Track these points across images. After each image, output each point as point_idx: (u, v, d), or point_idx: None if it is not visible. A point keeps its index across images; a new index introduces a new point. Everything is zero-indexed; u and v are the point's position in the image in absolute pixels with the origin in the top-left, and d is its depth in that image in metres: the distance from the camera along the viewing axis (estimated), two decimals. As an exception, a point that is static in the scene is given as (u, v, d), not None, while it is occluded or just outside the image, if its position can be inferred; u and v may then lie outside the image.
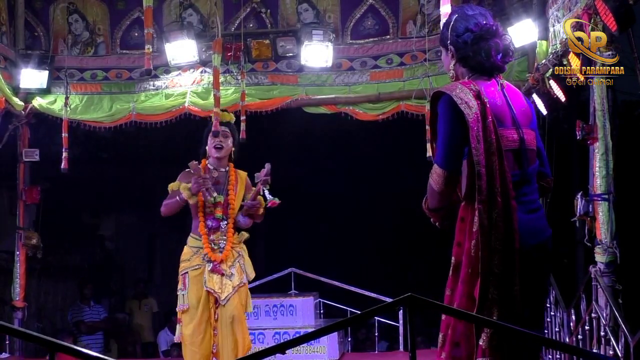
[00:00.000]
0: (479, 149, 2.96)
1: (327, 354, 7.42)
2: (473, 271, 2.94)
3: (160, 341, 10.31)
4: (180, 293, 5.31)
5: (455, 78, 3.22)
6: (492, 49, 3.12)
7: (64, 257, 11.72)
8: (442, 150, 3.05)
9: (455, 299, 2.98)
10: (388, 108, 8.04)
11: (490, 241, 2.93)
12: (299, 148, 11.78)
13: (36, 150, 8.32)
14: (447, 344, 2.97)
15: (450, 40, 3.19)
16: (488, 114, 3.00)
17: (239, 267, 5.32)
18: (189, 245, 5.37)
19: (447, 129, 3.05)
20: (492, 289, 2.91)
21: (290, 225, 12.43)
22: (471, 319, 2.89)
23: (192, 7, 8.24)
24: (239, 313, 5.21)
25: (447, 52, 3.24)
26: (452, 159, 3.03)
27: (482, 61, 3.14)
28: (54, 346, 2.54)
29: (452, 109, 3.03)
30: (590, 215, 5.56)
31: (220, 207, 5.36)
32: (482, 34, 3.13)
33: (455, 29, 3.17)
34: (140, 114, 8.21)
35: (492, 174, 2.96)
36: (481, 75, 3.16)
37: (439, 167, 3.04)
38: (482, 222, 2.93)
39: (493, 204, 2.94)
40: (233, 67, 8.07)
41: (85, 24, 8.40)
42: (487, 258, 2.92)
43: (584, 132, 5.54)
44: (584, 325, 5.55)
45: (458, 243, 3.02)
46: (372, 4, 8.13)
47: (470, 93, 3.03)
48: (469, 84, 3.09)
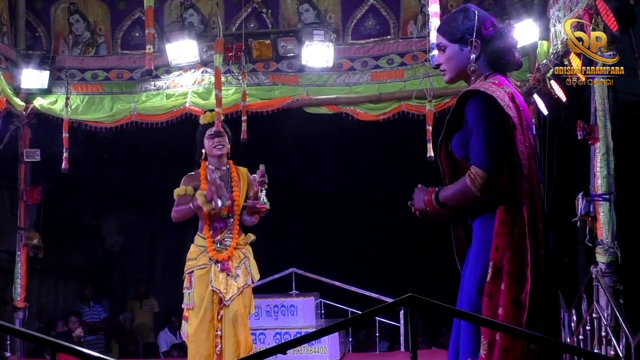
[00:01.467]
0: (523, 152, 2.91)
1: (328, 354, 7.42)
2: (517, 277, 2.86)
3: (160, 341, 10.32)
4: (186, 292, 5.32)
5: (475, 73, 3.11)
6: (514, 45, 3.11)
7: (65, 258, 11.72)
8: (487, 152, 2.90)
9: (500, 304, 2.87)
10: (389, 108, 8.04)
11: (536, 246, 2.89)
12: (299, 148, 11.78)
13: (37, 151, 8.32)
14: (497, 349, 2.85)
15: (475, 33, 3.07)
16: (523, 118, 2.97)
17: (245, 268, 5.36)
18: (196, 244, 5.39)
19: (492, 130, 2.92)
20: (542, 294, 2.88)
21: (291, 225, 12.44)
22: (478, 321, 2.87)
23: (193, 7, 8.24)
24: (242, 314, 5.24)
25: (461, 47, 3.12)
26: (497, 161, 2.90)
27: (507, 58, 3.09)
28: (54, 346, 2.54)
29: (496, 110, 2.92)
30: (591, 215, 5.56)
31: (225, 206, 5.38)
32: (503, 31, 3.10)
33: (481, 21, 3.08)
34: (141, 114, 8.21)
35: (532, 178, 2.92)
36: (498, 74, 3.08)
37: (482, 171, 2.89)
38: (530, 226, 2.87)
39: (535, 208, 2.91)
40: (234, 68, 8.07)
41: (86, 24, 8.40)
42: (535, 262, 2.86)
43: (585, 132, 5.54)
44: (585, 326, 5.55)
45: (497, 247, 2.91)
46: (373, 4, 8.13)
47: (507, 96, 2.96)
48: (501, 85, 3.01)
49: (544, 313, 2.89)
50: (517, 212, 2.89)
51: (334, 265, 11.43)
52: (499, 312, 2.86)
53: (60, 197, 10.19)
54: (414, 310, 2.67)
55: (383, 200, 12.30)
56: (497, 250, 2.91)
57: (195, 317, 5.24)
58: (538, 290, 2.86)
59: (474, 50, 3.08)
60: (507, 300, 2.86)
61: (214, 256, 5.27)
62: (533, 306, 2.84)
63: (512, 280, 2.86)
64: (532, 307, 2.84)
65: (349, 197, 12.87)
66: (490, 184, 2.89)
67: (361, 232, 13.52)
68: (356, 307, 8.30)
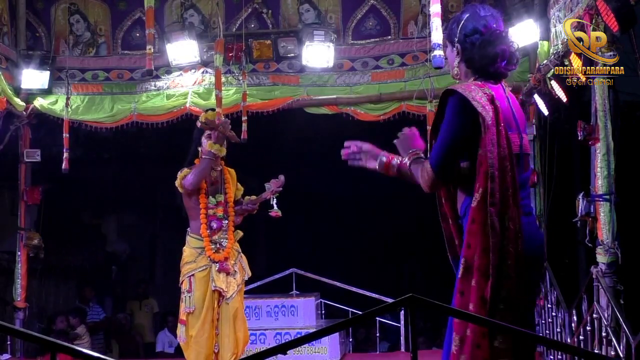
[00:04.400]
0: (493, 152, 2.94)
1: (328, 354, 7.41)
2: (485, 273, 2.91)
3: (157, 341, 10.33)
4: (186, 295, 5.30)
5: (459, 76, 3.19)
6: (498, 55, 3.09)
7: (65, 258, 11.71)
8: (440, 152, 3.01)
9: (471, 300, 2.93)
10: (389, 108, 8.04)
11: (502, 244, 2.92)
12: (300, 148, 11.78)
13: (37, 151, 8.32)
14: (467, 346, 2.91)
15: (457, 38, 3.14)
16: (501, 119, 2.99)
17: (240, 265, 5.38)
18: (191, 246, 5.37)
19: (453, 130, 3.00)
20: (504, 291, 2.91)
21: (292, 225, 12.41)
22: (476, 320, 2.88)
23: (194, 7, 8.25)
24: (240, 310, 5.29)
25: (452, 48, 3.19)
26: (446, 163, 3.00)
27: (486, 66, 3.11)
28: (54, 347, 2.54)
29: (465, 111, 2.98)
30: (592, 215, 5.55)
31: (221, 207, 5.39)
32: (490, 39, 3.09)
33: (464, 28, 3.13)
34: (141, 114, 8.22)
35: (504, 178, 2.95)
36: (487, 80, 3.12)
37: (431, 170, 3.01)
38: (494, 224, 2.91)
39: (505, 207, 2.94)
40: (234, 68, 8.07)
41: (86, 25, 8.41)
42: (499, 260, 2.90)
43: (586, 132, 5.53)
44: (586, 326, 5.54)
45: (468, 245, 2.97)
46: (373, 5, 8.13)
47: (485, 97, 3.00)
48: (483, 87, 3.05)
49: (511, 309, 2.91)
50: (485, 210, 2.94)
51: (334, 266, 11.42)
52: (470, 307, 2.91)
53: (61, 197, 10.19)
54: (415, 310, 2.67)
55: (383, 200, 12.32)
56: (469, 247, 2.97)
57: (197, 320, 5.23)
58: (501, 287, 2.89)
59: (457, 55, 3.16)
60: (477, 297, 2.92)
61: (212, 257, 5.27)
62: (494, 304, 2.89)
63: (482, 278, 2.92)
64: (494, 303, 2.88)
65: (349, 197, 12.87)
66: (435, 184, 3.04)
67: (361, 233, 13.52)
68: (356, 307, 8.30)
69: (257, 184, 5.66)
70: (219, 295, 5.26)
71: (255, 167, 5.69)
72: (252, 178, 5.92)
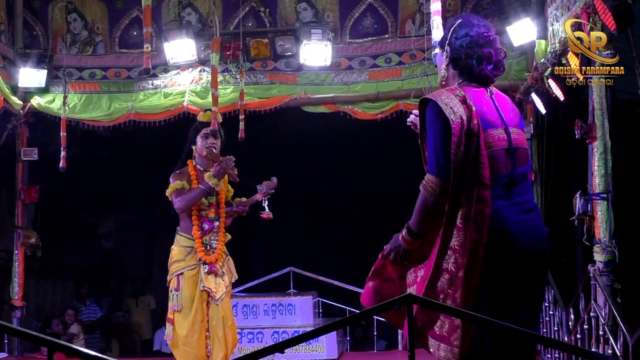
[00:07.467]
0: (457, 155, 3.01)
1: (326, 353, 7.42)
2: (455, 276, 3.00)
3: (155, 340, 10.33)
4: (174, 294, 5.28)
5: (446, 80, 3.26)
6: (484, 57, 3.17)
7: (63, 256, 11.71)
8: (435, 158, 3.07)
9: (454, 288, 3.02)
10: (387, 107, 8.05)
11: (474, 239, 2.98)
12: (297, 147, 11.76)
13: (35, 149, 8.32)
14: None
15: (448, 40, 3.23)
16: (474, 117, 3.04)
17: (228, 267, 5.38)
18: (180, 245, 5.35)
19: (436, 136, 3.07)
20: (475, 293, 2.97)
21: (289, 224, 12.41)
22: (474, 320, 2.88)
23: (191, 6, 8.25)
24: (230, 312, 5.30)
25: (442, 52, 3.28)
26: (445, 165, 3.04)
27: (471, 66, 3.18)
28: (53, 345, 2.54)
29: (439, 116, 3.06)
30: (589, 214, 5.57)
31: (213, 208, 5.37)
32: (478, 41, 3.17)
33: (455, 31, 3.22)
34: (138, 113, 8.22)
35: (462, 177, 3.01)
36: (470, 83, 3.19)
37: (433, 176, 3.07)
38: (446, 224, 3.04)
39: (468, 206, 3.00)
40: (232, 66, 8.07)
41: (84, 23, 8.40)
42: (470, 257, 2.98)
43: (583, 131, 5.54)
44: (583, 325, 5.55)
45: None
46: (371, 3, 8.13)
47: (456, 99, 3.07)
48: (455, 90, 3.13)
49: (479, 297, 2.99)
50: (455, 211, 3.03)
51: (332, 264, 11.43)
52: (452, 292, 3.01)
53: (58, 195, 10.18)
54: (412, 309, 2.68)
55: (381, 199, 12.31)
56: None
57: (185, 319, 5.20)
58: (471, 279, 2.96)
59: (446, 57, 3.25)
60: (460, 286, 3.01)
61: (203, 257, 5.26)
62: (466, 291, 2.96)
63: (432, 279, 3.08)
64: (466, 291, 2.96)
65: (346, 195, 12.86)
66: (443, 188, 3.04)
67: (359, 231, 13.51)
68: (354, 306, 8.30)
69: (253, 182, 5.64)
70: (208, 295, 5.24)
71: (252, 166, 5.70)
72: (248, 177, 5.92)
